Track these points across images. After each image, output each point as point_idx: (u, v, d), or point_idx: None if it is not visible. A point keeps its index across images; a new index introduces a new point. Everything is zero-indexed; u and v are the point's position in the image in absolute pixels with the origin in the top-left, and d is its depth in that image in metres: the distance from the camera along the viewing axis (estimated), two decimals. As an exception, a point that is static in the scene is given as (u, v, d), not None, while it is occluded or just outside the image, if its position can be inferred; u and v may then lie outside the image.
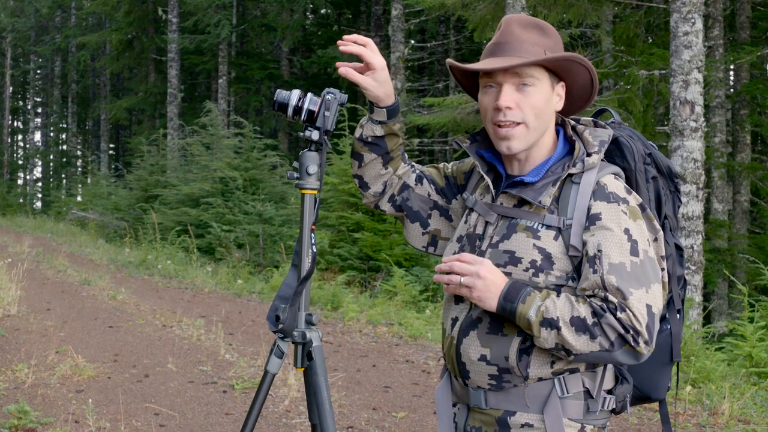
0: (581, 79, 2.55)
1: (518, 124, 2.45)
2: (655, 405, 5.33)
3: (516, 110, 2.44)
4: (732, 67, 21.64)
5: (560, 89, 2.54)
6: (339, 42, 2.61)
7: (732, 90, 21.99)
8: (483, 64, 2.49)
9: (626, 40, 18.28)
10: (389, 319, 10.90)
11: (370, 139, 2.72)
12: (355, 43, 2.59)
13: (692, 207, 11.12)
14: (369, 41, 2.60)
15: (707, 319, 15.86)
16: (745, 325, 8.40)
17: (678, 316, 2.62)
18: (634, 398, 2.67)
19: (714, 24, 18.30)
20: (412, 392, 7.45)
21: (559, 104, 2.54)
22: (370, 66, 2.59)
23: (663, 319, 2.60)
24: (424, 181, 2.80)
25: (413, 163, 2.86)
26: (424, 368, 8.44)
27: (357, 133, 2.74)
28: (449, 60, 2.61)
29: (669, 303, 2.59)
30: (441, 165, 2.86)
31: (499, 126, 2.46)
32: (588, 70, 2.53)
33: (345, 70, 2.61)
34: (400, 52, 20.73)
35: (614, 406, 2.49)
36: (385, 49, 26.37)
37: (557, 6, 14.83)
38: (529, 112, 2.45)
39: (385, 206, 2.83)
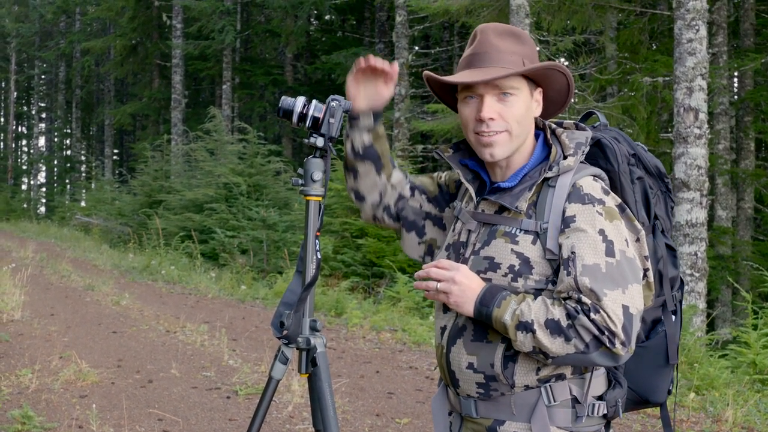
0: (558, 84, 2.56)
1: (501, 132, 2.46)
2: (658, 411, 5.33)
3: (498, 120, 2.45)
4: (736, 74, 21.64)
5: (538, 95, 2.55)
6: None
7: (736, 97, 21.96)
8: (462, 76, 2.48)
9: (630, 46, 18.29)
10: (393, 326, 10.89)
11: (361, 151, 2.76)
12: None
13: (696, 214, 11.11)
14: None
15: (711, 326, 15.85)
16: (748, 332, 8.40)
17: (673, 317, 2.61)
18: (634, 402, 2.65)
19: (718, 31, 18.30)
20: (416, 398, 7.45)
21: (538, 110, 2.55)
22: (391, 77, 2.71)
23: (658, 321, 2.59)
24: (416, 192, 2.83)
25: (407, 173, 2.89)
26: (428, 374, 8.44)
27: (347, 147, 2.78)
28: (426, 72, 2.62)
29: (663, 305, 2.58)
30: (435, 174, 2.89)
31: (481, 135, 2.47)
32: (565, 76, 2.53)
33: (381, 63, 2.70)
34: (404, 59, 20.73)
35: (605, 412, 2.47)
36: (389, 55, 26.41)
37: (561, 13, 14.85)
38: (511, 121, 2.46)
39: (383, 217, 2.86)
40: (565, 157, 2.47)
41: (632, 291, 2.31)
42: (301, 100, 2.78)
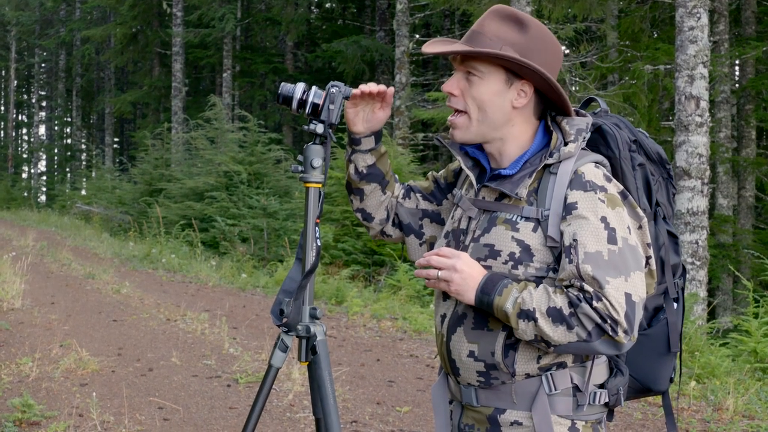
0: (540, 83, 2.46)
1: (462, 113, 2.47)
2: (660, 400, 5.29)
3: (459, 98, 2.46)
4: (737, 62, 21.61)
5: (522, 86, 2.46)
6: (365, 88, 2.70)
7: (737, 85, 21.95)
8: (426, 46, 2.53)
9: (631, 34, 18.25)
10: (393, 314, 10.89)
11: (365, 171, 2.76)
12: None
13: (697, 202, 11.10)
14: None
15: (712, 315, 15.88)
16: (749, 320, 8.39)
17: (675, 305, 2.59)
18: (636, 391, 2.64)
19: (719, 19, 18.26)
20: (416, 387, 7.45)
21: (520, 101, 2.46)
22: (387, 100, 2.70)
23: (660, 309, 2.58)
24: (412, 193, 2.83)
25: (404, 183, 2.89)
26: (428, 363, 8.44)
27: (351, 170, 2.77)
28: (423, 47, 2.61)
29: (665, 293, 2.56)
30: (430, 173, 2.88)
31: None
32: (543, 78, 2.42)
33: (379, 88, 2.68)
34: (404, 47, 20.69)
35: (607, 400, 2.45)
36: (389, 43, 26.39)
37: (562, 0, 14.80)
38: (471, 103, 2.45)
39: (390, 230, 2.87)
40: (565, 144, 2.43)
41: (635, 279, 2.29)
42: (300, 87, 2.76)
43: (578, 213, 2.33)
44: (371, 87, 2.66)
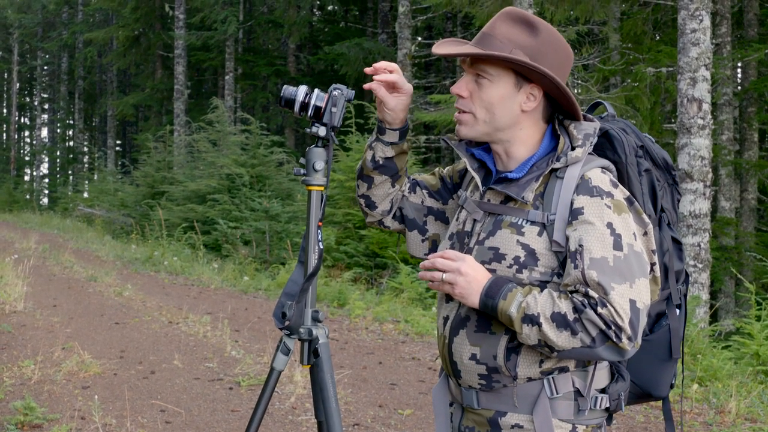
0: (550, 87, 2.45)
1: (467, 112, 2.47)
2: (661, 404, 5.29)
3: (467, 100, 2.47)
4: (740, 64, 21.62)
5: (531, 89, 2.45)
6: (369, 70, 2.63)
7: (740, 87, 21.95)
8: (436, 46, 2.53)
9: (634, 37, 18.24)
10: (396, 317, 10.88)
11: (381, 161, 2.73)
12: (386, 70, 2.62)
13: (699, 205, 11.09)
14: (396, 66, 2.64)
15: (714, 318, 15.86)
16: (752, 323, 8.38)
17: (678, 311, 2.58)
18: (636, 396, 2.64)
19: (722, 21, 18.25)
20: (419, 389, 7.44)
21: (530, 104, 2.46)
22: (402, 90, 2.63)
23: (662, 314, 2.57)
24: (417, 188, 2.80)
25: (410, 176, 2.87)
26: (431, 365, 8.43)
27: (368, 156, 2.74)
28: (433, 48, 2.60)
29: (668, 299, 2.56)
30: (436, 169, 2.86)
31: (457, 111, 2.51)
32: (551, 81, 2.41)
33: (377, 86, 2.62)
34: (406, 49, 20.69)
35: (608, 405, 2.45)
36: (392, 45, 26.39)
37: (564, 3, 14.79)
38: (478, 105, 2.45)
39: (389, 222, 2.84)
40: (573, 149, 2.43)
41: (639, 285, 2.28)
42: (303, 89, 2.76)
43: (584, 218, 2.32)
44: (383, 71, 2.63)
